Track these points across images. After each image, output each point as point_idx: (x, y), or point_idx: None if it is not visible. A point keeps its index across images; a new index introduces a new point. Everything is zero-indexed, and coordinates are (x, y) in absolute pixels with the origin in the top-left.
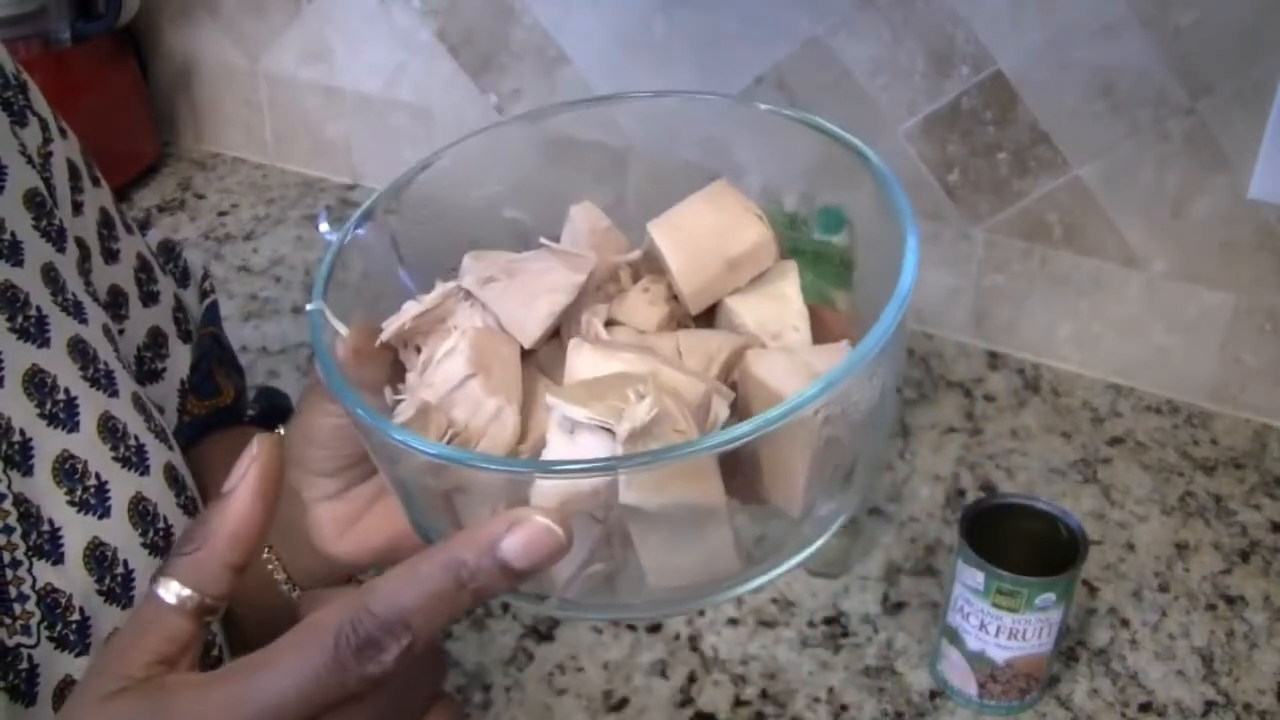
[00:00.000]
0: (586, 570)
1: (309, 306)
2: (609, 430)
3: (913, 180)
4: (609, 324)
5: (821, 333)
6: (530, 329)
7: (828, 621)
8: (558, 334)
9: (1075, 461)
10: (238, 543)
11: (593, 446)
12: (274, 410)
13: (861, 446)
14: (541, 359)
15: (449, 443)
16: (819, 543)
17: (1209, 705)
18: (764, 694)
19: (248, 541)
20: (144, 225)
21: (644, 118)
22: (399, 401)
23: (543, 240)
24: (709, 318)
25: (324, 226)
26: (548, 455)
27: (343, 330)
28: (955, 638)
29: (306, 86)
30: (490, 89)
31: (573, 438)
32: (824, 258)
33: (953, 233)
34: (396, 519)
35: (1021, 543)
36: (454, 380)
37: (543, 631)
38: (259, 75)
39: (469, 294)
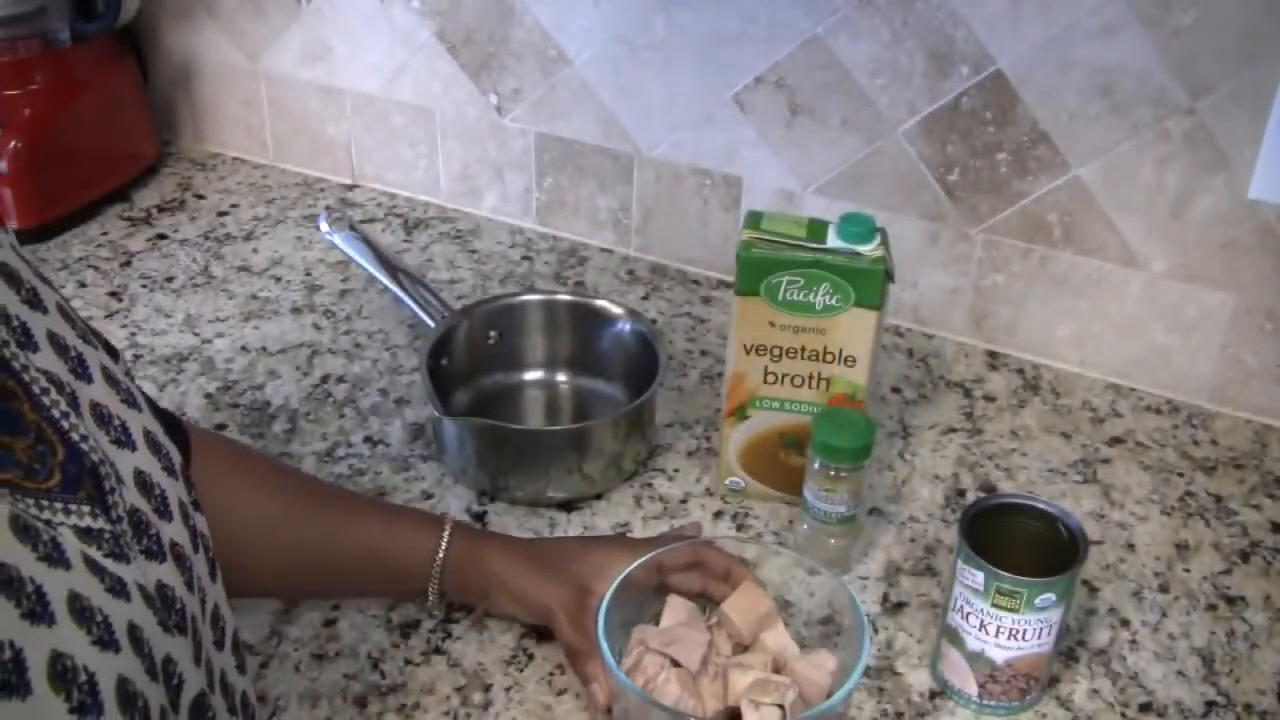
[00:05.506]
0: None
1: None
2: (779, 707)
3: (913, 180)
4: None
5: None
6: (695, 662)
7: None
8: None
9: (1075, 461)
10: None
11: (772, 714)
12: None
13: None
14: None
15: None
16: None
17: (1209, 705)
18: None
19: None
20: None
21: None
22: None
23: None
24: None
25: (324, 226)
26: None
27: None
28: (955, 638)
29: (306, 86)
30: (490, 89)
31: (759, 713)
32: (853, 270)
33: (952, 233)
34: None
35: (1021, 543)
36: (675, 696)
37: (543, 631)
38: (259, 75)
39: (648, 648)
